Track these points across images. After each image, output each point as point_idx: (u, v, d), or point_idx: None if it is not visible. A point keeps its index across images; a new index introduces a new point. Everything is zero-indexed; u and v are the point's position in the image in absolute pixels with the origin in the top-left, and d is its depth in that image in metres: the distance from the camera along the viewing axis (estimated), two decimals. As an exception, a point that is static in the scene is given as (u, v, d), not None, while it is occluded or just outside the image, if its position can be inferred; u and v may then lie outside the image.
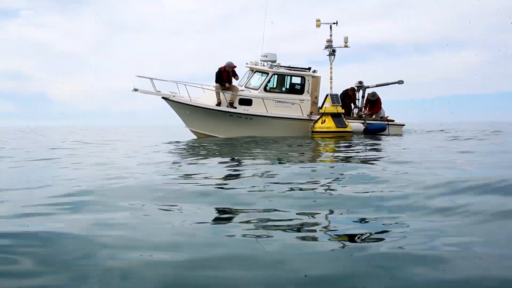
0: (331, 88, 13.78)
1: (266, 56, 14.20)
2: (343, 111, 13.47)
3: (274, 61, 14.20)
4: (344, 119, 13.37)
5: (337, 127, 12.77)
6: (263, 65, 14.16)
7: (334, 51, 13.95)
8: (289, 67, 14.27)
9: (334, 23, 13.95)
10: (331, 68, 13.98)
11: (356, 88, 15.67)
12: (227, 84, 13.30)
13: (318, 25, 13.89)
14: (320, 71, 14.46)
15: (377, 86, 15.57)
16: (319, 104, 14.40)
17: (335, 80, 14.33)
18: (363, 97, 15.66)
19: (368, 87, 15.57)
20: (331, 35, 14.02)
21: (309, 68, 14.39)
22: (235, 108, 13.32)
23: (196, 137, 13.85)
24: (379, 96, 15.63)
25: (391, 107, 16.36)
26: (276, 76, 13.94)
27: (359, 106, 15.70)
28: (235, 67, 13.54)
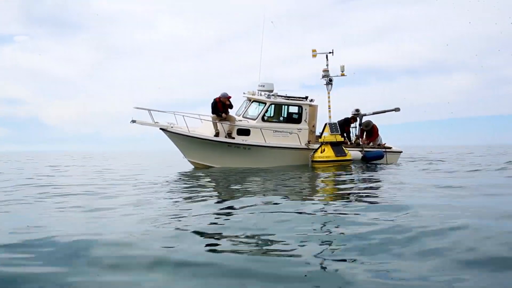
0: (329, 117, 13.83)
1: (263, 86, 14.30)
2: (342, 139, 13.49)
3: (271, 91, 14.29)
4: (344, 147, 13.40)
5: (336, 155, 12.76)
6: (260, 95, 14.27)
7: (331, 80, 14.08)
8: (286, 96, 14.39)
9: (330, 53, 14.14)
10: (328, 97, 14.08)
11: (353, 115, 15.78)
12: (223, 114, 13.36)
13: (314, 55, 14.07)
14: (314, 96, 14.53)
15: (374, 113, 15.64)
16: (317, 133, 14.47)
17: (337, 103, 14.43)
18: (360, 125, 15.72)
19: (365, 114, 15.65)
20: (327, 65, 14.18)
21: (306, 97, 14.50)
22: (233, 138, 13.33)
23: (194, 167, 13.81)
24: (375, 123, 15.72)
25: (385, 132, 16.37)
26: (273, 105, 14.02)
27: (357, 134, 15.75)
28: (230, 97, 13.60)
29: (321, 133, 13.68)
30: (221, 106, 13.35)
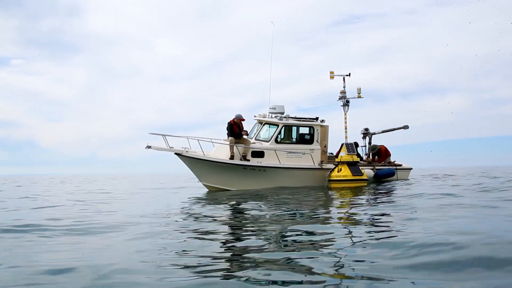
0: (346, 137, 14.03)
1: (275, 108, 14.50)
2: (358, 159, 13.66)
3: (282, 113, 14.49)
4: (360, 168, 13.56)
5: (353, 175, 12.91)
6: (271, 117, 14.44)
7: (348, 101, 14.35)
8: (298, 117, 14.57)
9: (347, 75, 14.47)
10: (345, 119, 14.32)
11: (362, 135, 16.02)
12: (243, 132, 13.55)
13: (332, 77, 14.38)
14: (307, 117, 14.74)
15: (383, 132, 15.92)
16: (331, 152, 14.69)
17: (332, 126, 14.64)
18: (369, 143, 15.94)
19: (374, 133, 15.90)
20: (344, 87, 14.48)
21: (317, 118, 14.71)
22: (248, 160, 13.40)
23: (208, 190, 13.79)
24: (383, 144, 15.98)
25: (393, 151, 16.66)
26: (285, 127, 14.18)
27: (366, 152, 15.96)
28: (243, 120, 13.80)
29: (338, 153, 13.84)
30: (236, 128, 13.49)
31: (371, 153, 15.76)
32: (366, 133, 15.93)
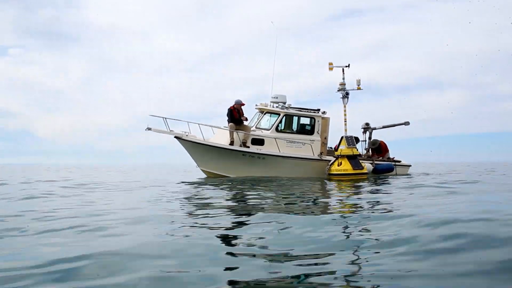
0: (345, 130, 13.94)
1: (277, 98, 14.43)
2: (358, 153, 13.56)
3: (284, 103, 14.42)
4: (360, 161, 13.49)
5: (353, 169, 12.82)
6: (273, 107, 14.37)
7: (347, 93, 14.25)
8: (299, 108, 14.52)
9: (346, 66, 14.36)
10: (345, 111, 14.23)
11: (363, 129, 15.95)
12: (243, 117, 13.46)
13: (330, 68, 14.28)
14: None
15: (383, 127, 15.84)
16: (330, 147, 14.62)
17: (332, 120, 14.50)
18: (369, 138, 15.87)
19: (375, 128, 15.82)
20: (343, 78, 14.37)
21: (319, 110, 14.65)
22: (248, 147, 13.33)
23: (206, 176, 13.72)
24: (382, 140, 15.91)
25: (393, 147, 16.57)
26: (286, 116, 14.12)
27: (366, 147, 15.88)
28: (243, 104, 13.74)
29: (337, 146, 13.74)
30: (236, 113, 13.42)
31: (371, 148, 15.69)
32: (367, 128, 15.83)
